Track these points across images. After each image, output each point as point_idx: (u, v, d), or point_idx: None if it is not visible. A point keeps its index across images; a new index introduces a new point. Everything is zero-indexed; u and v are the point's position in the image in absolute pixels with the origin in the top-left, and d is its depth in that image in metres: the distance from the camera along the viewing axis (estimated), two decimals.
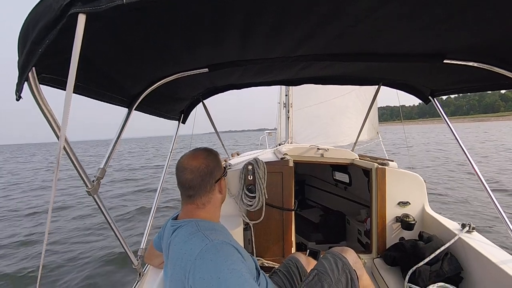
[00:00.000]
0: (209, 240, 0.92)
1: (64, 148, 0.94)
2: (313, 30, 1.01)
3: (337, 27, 1.00)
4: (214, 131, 3.06)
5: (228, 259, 0.87)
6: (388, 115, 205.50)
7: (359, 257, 1.57)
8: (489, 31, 1.01)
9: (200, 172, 1.06)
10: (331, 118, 6.04)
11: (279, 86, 6.15)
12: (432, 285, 1.67)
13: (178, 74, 1.41)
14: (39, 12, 0.61)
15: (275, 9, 0.82)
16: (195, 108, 2.37)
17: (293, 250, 2.38)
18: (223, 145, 3.20)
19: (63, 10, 0.56)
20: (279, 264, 1.66)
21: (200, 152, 1.13)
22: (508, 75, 1.32)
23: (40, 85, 0.77)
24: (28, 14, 0.63)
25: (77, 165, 1.05)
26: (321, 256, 1.52)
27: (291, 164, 2.37)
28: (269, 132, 7.61)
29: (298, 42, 1.16)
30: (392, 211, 2.30)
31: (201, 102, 2.31)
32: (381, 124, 5.95)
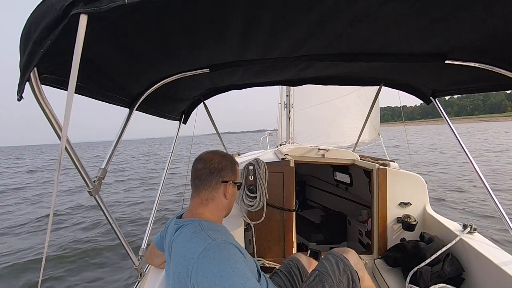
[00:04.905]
0: (212, 240, 0.93)
1: (66, 148, 0.94)
2: (313, 30, 1.01)
3: (337, 27, 1.00)
4: (213, 133, 3.06)
5: (231, 258, 0.88)
6: (389, 115, 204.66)
7: (360, 257, 1.57)
8: (490, 31, 1.01)
9: (210, 165, 1.12)
10: (332, 119, 6.03)
11: (280, 86, 6.15)
12: (433, 286, 1.66)
13: (179, 75, 1.41)
14: (41, 12, 0.61)
15: (275, 9, 0.82)
16: (195, 109, 2.37)
17: (294, 250, 2.37)
18: (224, 145, 3.20)
19: (65, 10, 0.57)
20: (279, 265, 1.66)
21: (220, 151, 1.20)
22: (510, 76, 1.31)
23: (42, 85, 0.77)
24: (30, 14, 0.63)
25: (78, 165, 1.05)
26: (322, 256, 1.52)
27: (292, 164, 2.37)
28: (270, 133, 7.61)
29: (299, 42, 1.15)
30: (393, 212, 2.29)
31: (202, 103, 2.32)
32: (382, 125, 5.95)
